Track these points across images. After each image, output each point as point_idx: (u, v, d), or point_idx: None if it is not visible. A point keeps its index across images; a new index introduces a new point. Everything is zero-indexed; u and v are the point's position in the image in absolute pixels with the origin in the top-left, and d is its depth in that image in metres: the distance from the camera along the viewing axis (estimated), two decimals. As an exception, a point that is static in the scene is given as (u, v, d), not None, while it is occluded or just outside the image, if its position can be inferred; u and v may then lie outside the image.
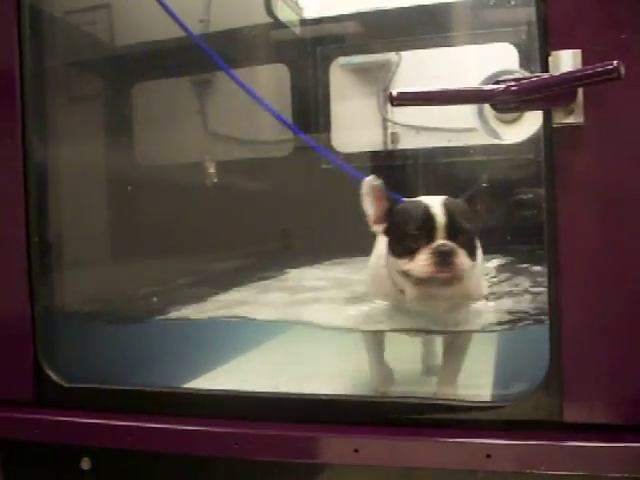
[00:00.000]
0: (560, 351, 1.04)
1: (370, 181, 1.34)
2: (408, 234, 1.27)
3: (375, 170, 2.30)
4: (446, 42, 2.51)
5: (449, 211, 1.26)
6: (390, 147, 2.71)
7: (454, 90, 0.97)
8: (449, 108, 2.24)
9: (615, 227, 1.01)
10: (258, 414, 1.17)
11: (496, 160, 2.14)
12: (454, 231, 1.25)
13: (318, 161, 2.45)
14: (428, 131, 2.55)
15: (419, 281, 1.26)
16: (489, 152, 2.21)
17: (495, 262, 1.87)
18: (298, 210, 2.26)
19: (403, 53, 2.68)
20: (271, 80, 2.47)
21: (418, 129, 2.69)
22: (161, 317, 1.46)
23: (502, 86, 0.95)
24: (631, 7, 1.00)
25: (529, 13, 1.05)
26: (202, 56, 2.37)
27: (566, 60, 0.98)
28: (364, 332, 1.41)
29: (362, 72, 2.68)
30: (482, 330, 1.37)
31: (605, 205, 1.01)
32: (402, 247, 1.29)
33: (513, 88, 0.95)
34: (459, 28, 2.50)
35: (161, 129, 2.33)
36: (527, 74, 1.05)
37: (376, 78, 2.70)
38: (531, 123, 1.09)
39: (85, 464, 1.24)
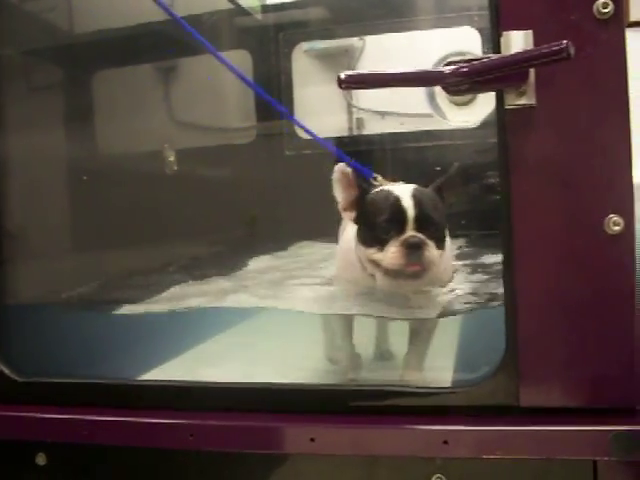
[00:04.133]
0: (515, 335, 1.03)
1: (341, 168, 1.33)
2: (378, 224, 1.27)
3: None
4: (409, 26, 2.50)
5: (419, 202, 1.27)
6: (355, 132, 2.70)
7: (403, 72, 0.95)
8: (413, 93, 2.26)
9: (569, 208, 1.00)
10: (213, 404, 1.15)
11: (463, 145, 2.14)
12: (424, 223, 1.25)
13: (281, 147, 2.43)
14: (393, 116, 2.54)
15: (388, 271, 1.26)
16: (455, 136, 2.20)
17: (461, 242, 1.87)
18: (261, 197, 2.24)
19: (367, 38, 2.66)
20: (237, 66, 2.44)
21: (383, 114, 2.68)
22: (118, 308, 1.43)
23: (452, 68, 0.94)
24: (582, -13, 0.99)
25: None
26: (166, 42, 2.34)
27: (517, 41, 0.97)
28: (328, 316, 1.40)
29: (326, 57, 2.66)
30: (450, 314, 1.36)
31: (558, 186, 1.01)
32: (372, 237, 1.29)
33: (463, 70, 0.93)
34: (422, 12, 2.50)
35: (124, 117, 2.29)
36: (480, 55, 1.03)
37: (340, 63, 2.68)
38: (484, 106, 1.08)
39: (41, 459, 1.22)
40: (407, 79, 0.96)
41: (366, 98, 2.58)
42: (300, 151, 2.39)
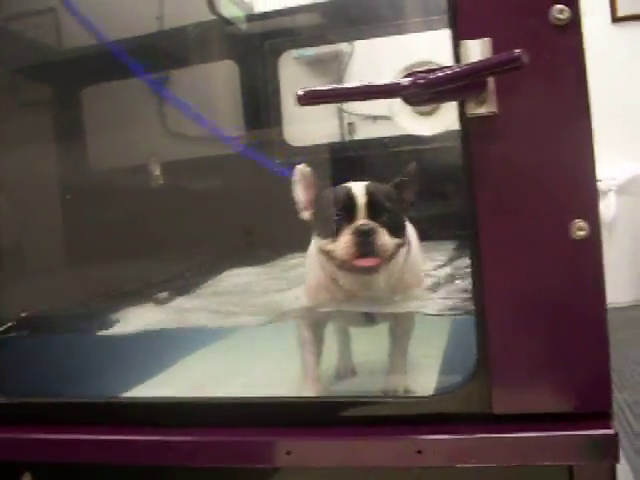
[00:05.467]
0: (487, 342, 1.03)
1: (301, 168, 1.38)
2: (331, 216, 1.30)
3: (332, 162, 2.29)
4: (398, 30, 2.50)
5: (370, 192, 1.30)
6: (347, 138, 2.71)
7: (362, 86, 0.96)
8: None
9: (534, 214, 1.00)
10: (191, 420, 1.15)
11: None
12: (375, 211, 1.29)
13: (272, 155, 2.43)
14: (386, 120, 2.54)
15: (343, 263, 1.28)
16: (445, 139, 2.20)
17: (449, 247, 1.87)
18: (251, 207, 2.24)
19: (356, 43, 2.67)
20: (221, 77, 2.45)
21: (375, 118, 2.68)
22: (97, 328, 1.44)
23: (409, 80, 0.94)
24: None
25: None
26: (157, 55, 2.36)
27: (474, 49, 0.97)
28: (301, 327, 1.40)
29: (315, 64, 2.67)
30: (429, 313, 1.37)
31: (523, 193, 1.01)
32: (326, 229, 1.32)
33: (420, 81, 0.94)
34: (410, 15, 2.49)
35: (116, 131, 2.30)
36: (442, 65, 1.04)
37: (330, 69, 2.69)
38: (449, 114, 1.08)
39: (27, 479, 1.23)
40: (365, 92, 0.96)
41: (358, 103, 2.58)
42: (290, 159, 2.39)
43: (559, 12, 0.96)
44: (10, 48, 2.08)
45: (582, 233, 0.98)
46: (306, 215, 1.38)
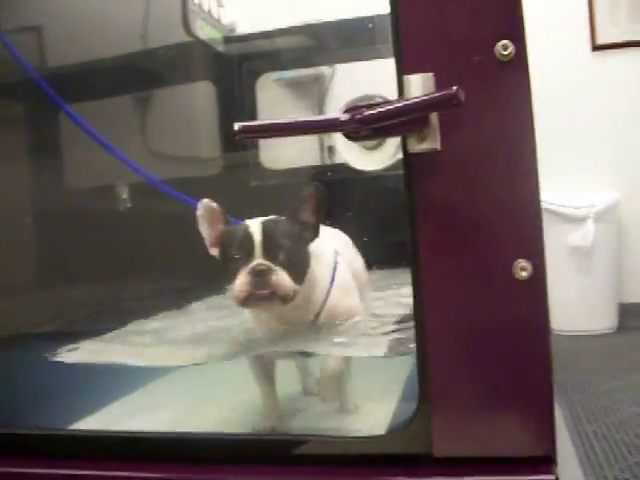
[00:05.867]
0: (427, 381, 1.01)
1: (206, 203, 1.33)
2: (230, 257, 1.28)
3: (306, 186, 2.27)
4: (378, 54, 2.49)
5: (267, 230, 1.27)
6: (327, 161, 2.68)
7: (300, 121, 0.94)
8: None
9: (476, 254, 0.98)
10: (116, 455, 1.12)
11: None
12: (272, 250, 1.25)
13: (247, 178, 2.42)
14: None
15: (242, 302, 1.26)
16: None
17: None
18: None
19: (337, 66, 2.66)
20: (198, 98, 2.44)
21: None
22: (47, 356, 1.41)
23: (347, 115, 0.92)
24: (485, 28, 0.97)
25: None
26: (139, 74, 2.34)
27: (416, 85, 0.95)
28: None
29: (296, 86, 2.66)
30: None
31: (465, 231, 0.98)
32: (228, 271, 1.28)
33: (357, 117, 0.92)
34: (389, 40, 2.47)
35: (95, 150, 2.28)
36: (388, 99, 1.02)
37: (310, 91, 2.68)
38: (395, 148, 1.06)
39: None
40: (303, 127, 0.94)
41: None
42: (265, 182, 2.37)
43: (503, 48, 0.95)
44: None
45: (524, 274, 0.96)
46: (213, 252, 1.34)
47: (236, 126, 0.92)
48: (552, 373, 0.98)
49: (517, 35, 0.95)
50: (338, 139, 1.20)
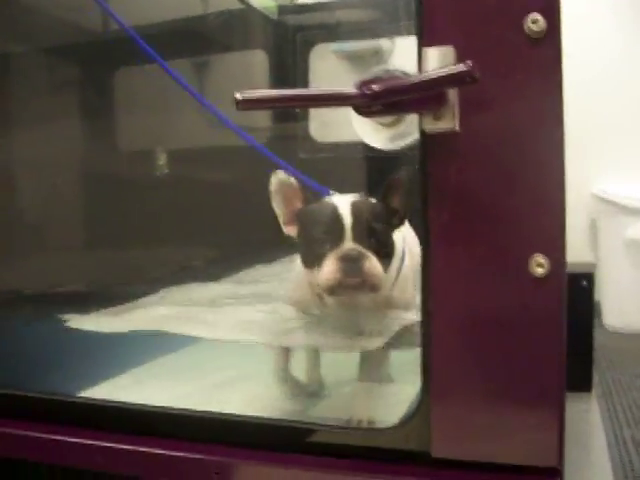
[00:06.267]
0: (430, 376, 0.95)
1: (280, 177, 1.22)
2: (313, 239, 1.18)
3: (360, 160, 2.21)
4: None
5: (357, 211, 1.16)
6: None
7: (306, 93, 0.88)
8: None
9: (491, 246, 0.91)
10: (138, 429, 1.10)
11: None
12: (363, 234, 1.15)
13: (295, 150, 2.37)
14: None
15: (330, 291, 1.17)
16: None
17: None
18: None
19: (397, 39, 2.57)
20: (249, 66, 2.40)
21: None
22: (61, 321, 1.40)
23: (356, 90, 0.86)
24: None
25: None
26: (200, 38, 2.32)
27: (433, 59, 0.88)
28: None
29: (353, 59, 2.58)
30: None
31: (481, 221, 0.91)
32: (310, 254, 1.19)
33: (366, 91, 0.85)
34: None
35: (151, 115, 2.28)
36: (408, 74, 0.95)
37: (368, 65, 2.60)
38: (413, 126, 0.99)
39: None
40: (309, 99, 0.89)
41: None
42: (314, 154, 2.32)
43: (533, 22, 0.86)
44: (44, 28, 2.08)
45: (541, 270, 0.88)
46: (289, 231, 1.24)
47: (238, 95, 0.87)
48: (564, 378, 0.91)
49: (550, 8, 0.87)
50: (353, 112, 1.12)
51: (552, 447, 0.91)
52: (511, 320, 0.91)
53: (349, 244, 1.14)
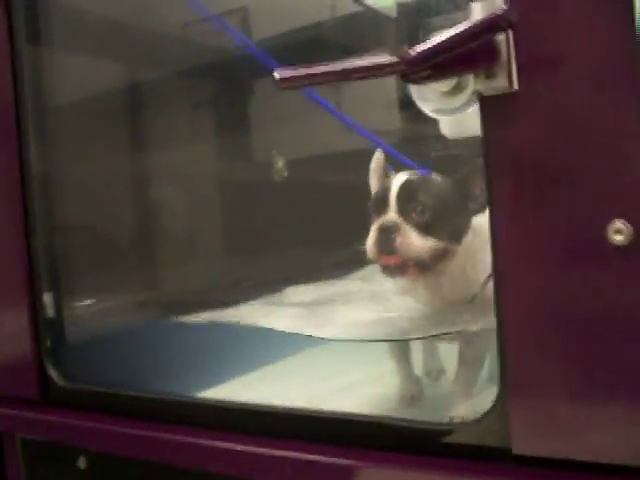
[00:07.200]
0: (506, 370, 0.86)
1: (378, 155, 1.27)
2: (369, 212, 1.20)
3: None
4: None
5: (407, 186, 1.16)
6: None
7: (348, 66, 0.83)
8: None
9: (563, 214, 0.81)
10: (255, 429, 1.09)
11: None
12: (407, 207, 1.14)
13: (427, 149, 2.29)
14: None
15: (376, 260, 1.16)
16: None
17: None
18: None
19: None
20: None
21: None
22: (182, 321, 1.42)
23: (394, 58, 0.81)
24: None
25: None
26: (329, 43, 2.33)
27: (478, 14, 0.80)
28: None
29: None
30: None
31: (550, 187, 0.81)
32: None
33: (405, 57, 0.80)
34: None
35: (291, 124, 2.31)
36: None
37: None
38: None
39: (82, 463, 1.27)
40: (351, 72, 0.83)
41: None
42: (446, 152, 2.23)
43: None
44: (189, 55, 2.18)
45: (620, 238, 0.77)
46: None
47: (277, 74, 0.83)
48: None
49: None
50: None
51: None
52: (591, 299, 0.80)
53: (391, 215, 1.14)
